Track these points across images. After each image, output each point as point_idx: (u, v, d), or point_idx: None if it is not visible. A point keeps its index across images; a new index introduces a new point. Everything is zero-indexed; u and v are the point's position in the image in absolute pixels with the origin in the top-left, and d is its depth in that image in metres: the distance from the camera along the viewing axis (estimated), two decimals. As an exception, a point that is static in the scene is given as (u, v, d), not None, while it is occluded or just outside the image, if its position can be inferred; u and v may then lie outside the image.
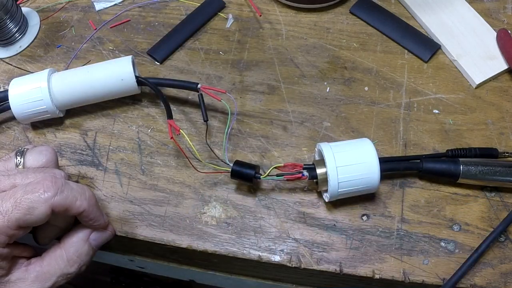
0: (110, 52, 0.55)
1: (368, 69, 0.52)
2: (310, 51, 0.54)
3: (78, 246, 0.40)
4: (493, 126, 0.49)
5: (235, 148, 0.49)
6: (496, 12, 0.55)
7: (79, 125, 0.51)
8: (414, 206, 0.45)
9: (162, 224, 0.45)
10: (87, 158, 0.49)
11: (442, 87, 0.51)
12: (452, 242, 0.44)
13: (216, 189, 0.47)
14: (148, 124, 0.51)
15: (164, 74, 0.53)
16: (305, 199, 0.46)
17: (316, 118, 0.50)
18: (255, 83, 0.52)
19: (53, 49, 0.56)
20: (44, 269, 0.39)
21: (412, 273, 0.42)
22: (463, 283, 0.42)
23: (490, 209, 0.45)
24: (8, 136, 0.51)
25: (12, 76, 0.54)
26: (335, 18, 0.56)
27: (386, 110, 0.50)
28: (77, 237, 0.40)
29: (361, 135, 0.49)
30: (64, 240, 0.40)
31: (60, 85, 0.48)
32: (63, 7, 0.59)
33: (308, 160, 0.48)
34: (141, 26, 0.57)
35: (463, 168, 0.44)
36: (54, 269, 0.39)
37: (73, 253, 0.39)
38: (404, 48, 0.53)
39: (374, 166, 0.42)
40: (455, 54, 0.52)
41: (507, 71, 0.51)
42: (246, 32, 0.55)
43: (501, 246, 0.43)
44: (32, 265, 0.39)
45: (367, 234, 0.44)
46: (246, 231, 0.45)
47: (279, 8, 0.57)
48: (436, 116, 0.49)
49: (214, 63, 0.53)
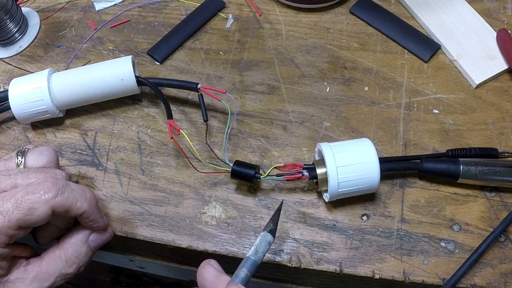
0: (110, 52, 0.55)
1: (368, 69, 0.52)
2: (310, 51, 0.54)
3: (77, 247, 0.40)
4: (493, 126, 0.49)
5: (235, 148, 0.49)
6: (496, 12, 0.55)
7: (79, 125, 0.51)
8: (414, 206, 0.45)
9: (162, 224, 0.45)
10: (87, 158, 0.49)
11: (442, 87, 0.51)
12: (452, 242, 0.44)
13: (216, 189, 0.47)
14: (148, 124, 0.51)
15: (164, 74, 0.53)
16: (305, 199, 0.46)
17: (316, 118, 0.50)
18: (255, 83, 0.52)
19: (53, 49, 0.56)
20: (43, 269, 0.39)
21: (412, 273, 0.42)
22: (463, 283, 0.42)
23: (490, 209, 0.45)
24: (8, 136, 0.51)
25: (12, 76, 0.54)
26: (335, 18, 0.56)
27: (386, 110, 0.50)
28: (76, 238, 0.40)
29: (361, 135, 0.49)
30: (63, 240, 0.40)
31: (60, 85, 0.48)
32: (63, 7, 0.59)
33: (308, 160, 0.48)
34: (141, 26, 0.57)
35: (463, 168, 0.44)
36: (53, 269, 0.39)
37: (72, 254, 0.39)
38: (404, 48, 0.53)
39: (374, 166, 0.42)
40: (455, 54, 0.52)
41: (507, 71, 0.51)
42: (246, 32, 0.55)
43: (501, 246, 0.43)
44: (31, 265, 0.39)
45: (367, 234, 0.44)
46: (246, 231, 0.45)
47: (279, 8, 0.57)
48: (436, 116, 0.49)
49: (214, 63, 0.53)
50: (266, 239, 0.38)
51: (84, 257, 0.40)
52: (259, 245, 0.37)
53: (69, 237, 0.40)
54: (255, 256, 0.36)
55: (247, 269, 0.35)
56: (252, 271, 0.35)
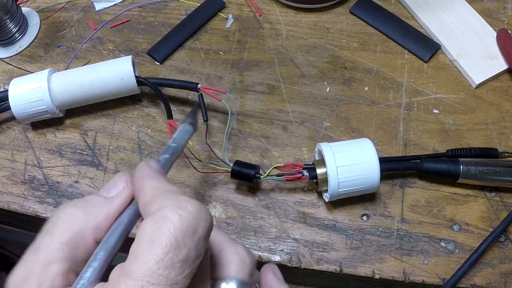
0: (110, 52, 0.55)
1: (368, 69, 0.52)
2: (310, 51, 0.54)
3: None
4: (493, 126, 0.49)
5: (235, 148, 0.49)
6: (496, 12, 0.55)
7: (79, 125, 0.51)
8: (414, 206, 0.45)
9: (162, 224, 0.45)
10: (87, 158, 0.49)
11: (442, 87, 0.51)
12: (452, 242, 0.44)
13: (216, 189, 0.47)
14: (148, 124, 0.51)
15: (164, 74, 0.53)
16: (305, 199, 0.46)
17: (316, 118, 0.50)
18: (255, 83, 0.52)
19: (53, 49, 0.56)
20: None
21: (412, 273, 0.42)
22: (463, 283, 0.42)
23: (490, 209, 0.45)
24: (8, 136, 0.51)
25: (12, 76, 0.54)
26: (335, 18, 0.56)
27: (386, 110, 0.50)
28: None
29: (361, 135, 0.49)
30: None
31: (60, 85, 0.48)
32: (63, 7, 0.59)
33: (308, 160, 0.48)
34: (141, 26, 0.57)
35: (463, 168, 0.44)
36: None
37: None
38: (404, 48, 0.53)
39: (374, 166, 0.42)
40: (455, 54, 0.52)
41: (507, 71, 0.51)
42: (246, 32, 0.55)
43: (501, 246, 0.43)
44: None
45: (367, 234, 0.44)
46: (246, 231, 0.45)
47: (279, 8, 0.57)
48: (436, 116, 0.49)
49: (214, 63, 0.53)
50: (185, 128, 0.38)
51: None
52: (178, 134, 0.37)
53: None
54: (175, 143, 0.36)
55: (167, 154, 0.34)
56: (174, 156, 0.35)
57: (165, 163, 0.34)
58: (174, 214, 0.25)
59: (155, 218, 0.25)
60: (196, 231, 0.25)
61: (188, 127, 0.38)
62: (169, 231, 0.24)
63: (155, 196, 0.27)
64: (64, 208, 0.29)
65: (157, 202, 0.26)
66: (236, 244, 0.31)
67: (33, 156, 0.49)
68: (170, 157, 0.35)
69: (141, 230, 0.25)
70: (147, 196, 0.28)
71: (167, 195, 0.27)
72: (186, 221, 0.25)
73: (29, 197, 0.47)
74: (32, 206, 0.47)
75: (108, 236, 0.29)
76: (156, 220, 0.25)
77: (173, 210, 0.25)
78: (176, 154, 0.36)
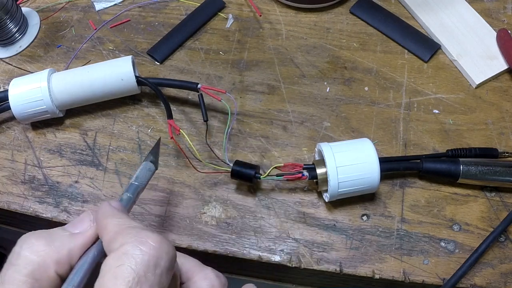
0: (110, 52, 0.55)
1: (368, 69, 0.52)
2: (310, 51, 0.54)
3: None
4: (493, 126, 0.49)
5: (235, 148, 0.49)
6: (496, 12, 0.55)
7: (79, 125, 0.51)
8: (414, 206, 0.45)
9: (162, 224, 0.45)
10: (87, 158, 0.49)
11: (442, 87, 0.51)
12: (452, 242, 0.44)
13: (216, 189, 0.47)
14: (148, 124, 0.51)
15: (164, 74, 0.53)
16: (305, 199, 0.46)
17: (316, 118, 0.50)
18: (255, 83, 0.52)
19: (53, 49, 0.56)
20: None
21: (412, 273, 0.42)
22: (463, 283, 0.42)
23: (490, 209, 0.45)
24: (8, 136, 0.51)
25: (12, 76, 0.54)
26: (335, 18, 0.56)
27: (386, 110, 0.50)
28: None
29: (361, 135, 0.49)
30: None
31: (60, 85, 0.48)
32: (63, 7, 0.59)
33: (308, 160, 0.48)
34: (141, 26, 0.57)
35: (463, 168, 0.44)
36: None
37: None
38: (404, 48, 0.53)
39: (374, 166, 0.42)
40: (455, 54, 0.52)
41: (507, 71, 0.51)
42: (246, 32, 0.55)
43: (501, 246, 0.43)
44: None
45: (367, 234, 0.44)
46: (246, 231, 0.45)
47: (279, 8, 0.57)
48: (436, 116, 0.49)
49: (214, 63, 0.53)
50: (147, 166, 0.39)
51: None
52: (140, 172, 0.38)
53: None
54: (138, 181, 0.37)
55: (130, 193, 0.35)
56: (135, 195, 0.36)
57: (127, 201, 0.35)
58: (135, 249, 0.26)
59: (117, 254, 0.26)
60: (158, 264, 0.26)
61: (150, 165, 0.39)
62: (130, 267, 0.25)
63: (117, 232, 0.28)
64: (27, 238, 0.29)
65: (119, 239, 0.27)
66: (205, 269, 0.32)
67: (33, 156, 0.49)
68: (133, 195, 0.36)
69: (104, 266, 0.26)
70: (110, 233, 0.28)
71: (128, 231, 0.27)
72: (148, 256, 0.25)
73: (29, 197, 0.47)
74: (32, 206, 0.47)
75: (73, 274, 0.29)
76: (119, 257, 0.26)
77: (134, 246, 0.26)
78: (138, 192, 0.37)
